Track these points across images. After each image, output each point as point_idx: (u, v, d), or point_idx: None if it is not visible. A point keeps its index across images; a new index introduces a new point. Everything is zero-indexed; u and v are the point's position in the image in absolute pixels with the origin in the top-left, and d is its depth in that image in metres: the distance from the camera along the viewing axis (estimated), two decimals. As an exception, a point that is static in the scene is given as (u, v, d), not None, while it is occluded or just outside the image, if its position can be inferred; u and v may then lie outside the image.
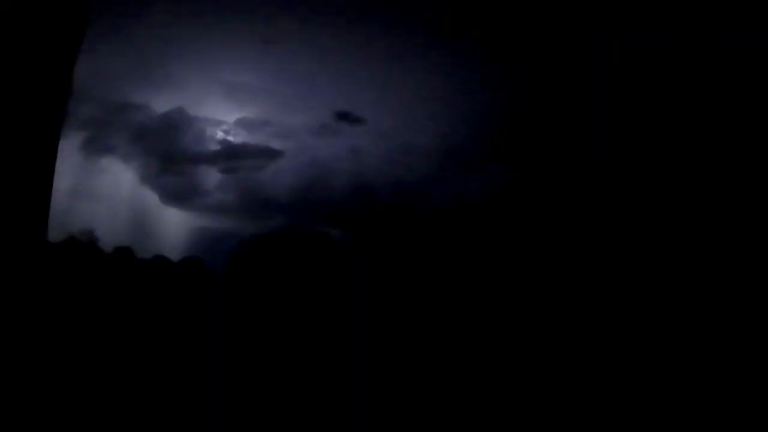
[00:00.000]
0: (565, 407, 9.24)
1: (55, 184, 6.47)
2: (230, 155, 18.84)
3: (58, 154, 6.50)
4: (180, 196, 18.61)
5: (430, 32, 16.99)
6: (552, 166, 15.82)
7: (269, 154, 18.72)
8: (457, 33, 16.73)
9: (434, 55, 17.43)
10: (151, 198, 18.47)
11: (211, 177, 18.79)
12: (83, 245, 15.38)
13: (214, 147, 18.96)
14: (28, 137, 6.16)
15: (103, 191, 18.11)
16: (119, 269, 15.17)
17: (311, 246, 15.31)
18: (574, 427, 8.88)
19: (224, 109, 19.08)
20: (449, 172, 17.28)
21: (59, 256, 14.26)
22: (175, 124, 18.67)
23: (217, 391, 9.46)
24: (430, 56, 17.49)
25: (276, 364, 10.78)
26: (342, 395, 9.56)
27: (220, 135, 19.00)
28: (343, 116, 18.24)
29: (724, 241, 12.54)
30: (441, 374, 10.58)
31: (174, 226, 18.19)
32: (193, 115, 18.84)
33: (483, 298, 13.53)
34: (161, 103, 18.64)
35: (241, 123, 19.09)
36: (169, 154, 18.84)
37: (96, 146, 18.43)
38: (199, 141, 18.91)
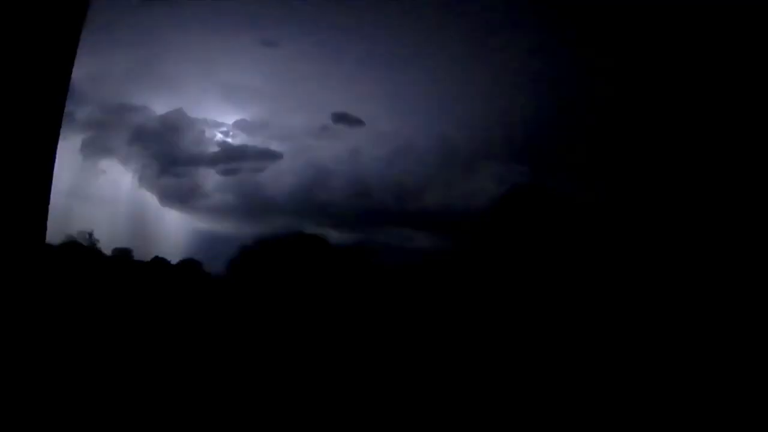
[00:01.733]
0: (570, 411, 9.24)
1: (54, 185, 6.45)
2: (229, 157, 18.82)
3: (58, 155, 6.48)
4: (179, 197, 18.60)
5: (429, 33, 17.03)
6: (552, 167, 15.84)
7: (268, 155, 18.71)
8: (456, 33, 16.77)
9: (433, 56, 17.46)
10: (150, 199, 18.46)
11: (211, 178, 18.77)
12: (82, 246, 15.37)
13: (214, 148, 18.94)
14: (28, 138, 6.15)
15: (102, 192, 18.11)
16: (118, 271, 15.15)
17: (311, 248, 15.29)
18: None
19: (223, 110, 19.08)
20: (449, 172, 17.28)
21: (59, 257, 14.24)
22: (174, 125, 18.66)
23: (217, 393, 9.44)
24: (429, 57, 17.52)
25: (275, 367, 10.76)
26: (342, 398, 9.55)
27: (219, 136, 18.99)
28: (342, 118, 18.24)
29: (725, 241, 12.53)
30: (443, 377, 10.56)
31: (173, 228, 18.17)
32: (193, 117, 18.83)
33: (483, 298, 13.51)
34: (160, 105, 18.64)
35: (240, 125, 19.08)
36: (168, 155, 18.83)
37: (95, 147, 18.43)
38: (198, 142, 18.90)
